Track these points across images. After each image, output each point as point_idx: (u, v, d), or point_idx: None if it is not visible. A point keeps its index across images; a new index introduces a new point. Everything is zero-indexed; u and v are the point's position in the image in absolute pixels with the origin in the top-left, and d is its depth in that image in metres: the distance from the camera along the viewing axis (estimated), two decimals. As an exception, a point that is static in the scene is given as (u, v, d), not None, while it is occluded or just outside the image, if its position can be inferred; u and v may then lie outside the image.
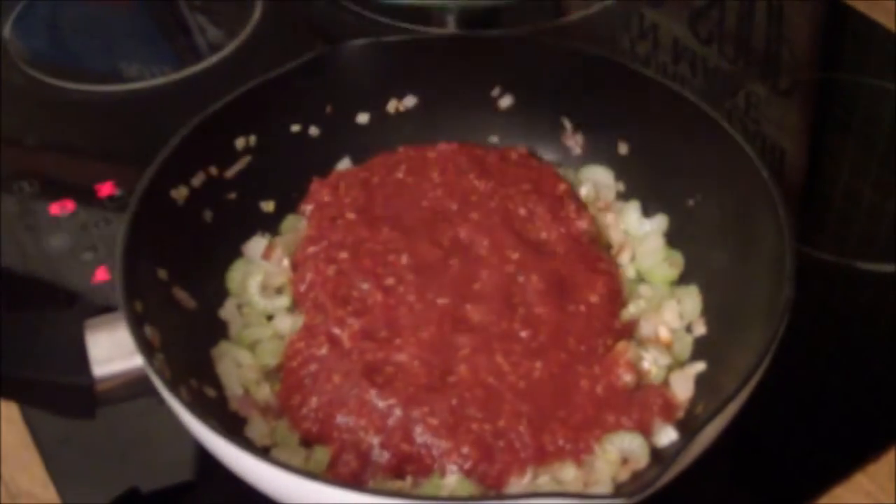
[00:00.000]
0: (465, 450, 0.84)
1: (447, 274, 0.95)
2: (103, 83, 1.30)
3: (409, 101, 1.09)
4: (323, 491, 0.74)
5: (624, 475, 0.84)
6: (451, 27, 1.41)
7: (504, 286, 0.94)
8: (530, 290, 0.94)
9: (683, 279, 0.98)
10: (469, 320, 0.92)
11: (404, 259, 0.96)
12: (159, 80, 1.31)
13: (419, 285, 0.94)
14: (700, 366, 0.91)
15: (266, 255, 0.99)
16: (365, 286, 0.94)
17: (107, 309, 0.88)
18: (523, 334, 0.91)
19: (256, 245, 1.00)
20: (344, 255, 0.97)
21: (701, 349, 0.93)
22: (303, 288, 0.96)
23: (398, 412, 0.86)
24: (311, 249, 0.98)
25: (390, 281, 0.95)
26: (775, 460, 0.92)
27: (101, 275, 1.06)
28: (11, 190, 1.16)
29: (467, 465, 0.83)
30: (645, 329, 0.95)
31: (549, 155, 1.09)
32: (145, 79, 1.31)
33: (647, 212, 1.03)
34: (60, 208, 1.13)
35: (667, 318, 0.95)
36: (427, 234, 0.98)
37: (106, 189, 1.15)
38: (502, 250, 0.97)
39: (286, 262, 0.99)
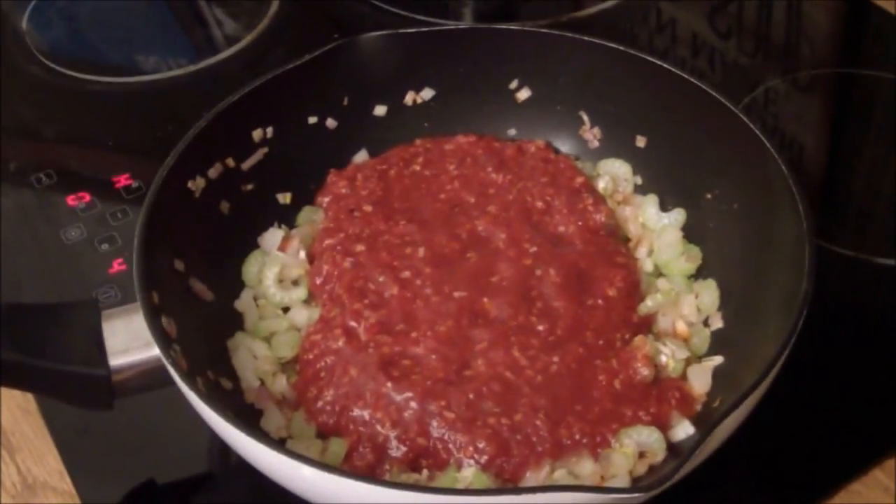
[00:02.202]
0: (481, 444, 0.83)
1: (464, 267, 0.95)
2: (120, 75, 1.30)
3: (427, 94, 1.09)
4: (339, 483, 0.73)
5: (641, 469, 0.84)
6: (467, 20, 1.41)
7: (521, 279, 0.94)
8: (548, 283, 0.94)
9: (701, 273, 0.98)
10: (486, 314, 0.92)
11: (421, 252, 0.96)
12: (176, 72, 1.31)
13: (436, 278, 0.94)
14: (718, 360, 0.91)
15: (282, 247, 0.99)
16: (381, 279, 0.94)
17: (124, 300, 0.88)
18: (540, 328, 0.91)
19: (272, 237, 1.00)
20: (360, 247, 0.97)
21: (719, 343, 0.93)
22: (319, 280, 0.96)
23: (414, 405, 0.85)
24: (328, 242, 0.98)
25: (407, 274, 0.94)
26: (792, 455, 0.92)
27: (118, 266, 1.06)
28: (29, 182, 1.16)
29: (483, 460, 0.83)
30: (662, 323, 0.94)
31: (566, 148, 1.08)
32: (162, 71, 1.31)
33: (664, 205, 1.02)
34: (77, 200, 1.13)
35: (684, 311, 0.95)
36: (444, 227, 0.98)
37: (122, 180, 1.15)
38: (520, 243, 0.97)
39: (303, 254, 0.99)
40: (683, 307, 0.95)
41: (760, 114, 1.22)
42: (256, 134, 1.02)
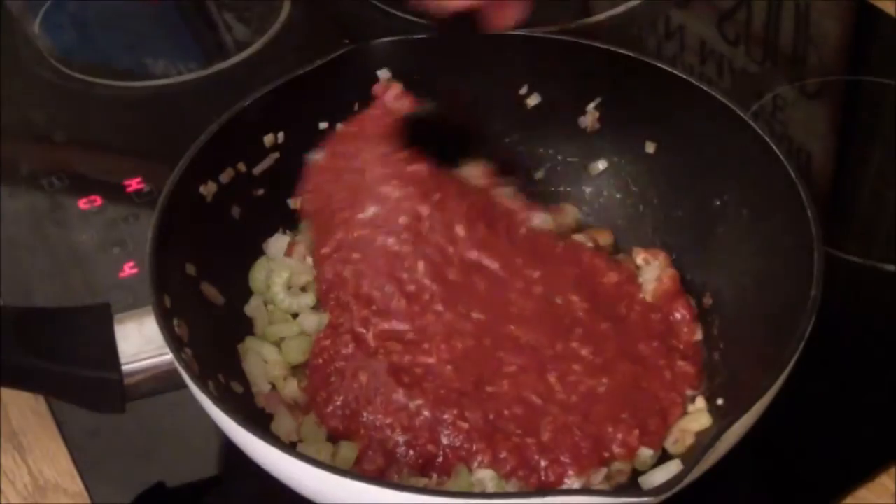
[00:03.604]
0: (502, 454, 0.84)
1: (473, 290, 0.94)
2: (131, 79, 1.31)
3: (437, 99, 1.09)
4: (349, 486, 0.74)
5: (649, 473, 0.85)
6: (476, 26, 1.41)
7: (543, 308, 0.93)
8: (577, 308, 0.93)
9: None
10: (516, 339, 0.91)
11: (420, 267, 0.95)
12: (187, 77, 1.31)
13: (445, 296, 0.93)
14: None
15: (289, 253, 0.99)
16: (387, 288, 0.93)
17: (135, 304, 0.88)
18: (584, 352, 0.91)
19: (277, 243, 1.00)
20: (356, 255, 0.95)
21: (728, 349, 0.94)
22: (325, 287, 0.96)
23: (426, 413, 0.86)
24: (324, 250, 0.97)
25: (411, 288, 0.93)
26: (799, 461, 0.92)
27: (129, 269, 1.06)
28: (40, 185, 1.17)
29: (504, 471, 0.84)
30: None
31: (573, 155, 1.08)
32: (173, 75, 1.31)
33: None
34: (89, 203, 1.14)
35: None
36: None
37: (133, 185, 1.16)
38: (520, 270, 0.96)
39: (310, 260, 0.99)
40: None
41: (768, 121, 1.22)
42: (268, 139, 1.02)
